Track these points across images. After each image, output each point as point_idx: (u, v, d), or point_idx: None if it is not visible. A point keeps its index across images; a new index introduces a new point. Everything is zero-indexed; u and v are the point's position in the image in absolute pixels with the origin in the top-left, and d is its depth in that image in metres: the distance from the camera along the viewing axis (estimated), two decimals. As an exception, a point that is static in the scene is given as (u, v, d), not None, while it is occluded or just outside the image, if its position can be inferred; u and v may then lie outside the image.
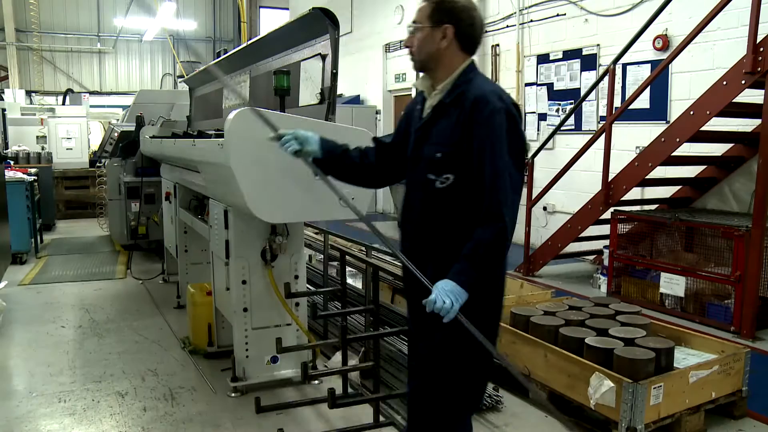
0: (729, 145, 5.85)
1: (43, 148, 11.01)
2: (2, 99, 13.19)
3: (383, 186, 2.52)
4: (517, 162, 1.97)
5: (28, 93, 15.40)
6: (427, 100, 2.15)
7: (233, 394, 3.58)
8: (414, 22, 2.11)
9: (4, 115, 12.16)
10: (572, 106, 7.17)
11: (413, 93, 10.08)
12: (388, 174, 2.38)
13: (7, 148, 11.02)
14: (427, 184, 2.06)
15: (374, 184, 2.52)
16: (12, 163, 9.10)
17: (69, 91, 15.49)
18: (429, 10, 2.06)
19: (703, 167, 6.07)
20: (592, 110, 7.35)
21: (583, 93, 6.74)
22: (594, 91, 6.59)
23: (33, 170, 8.72)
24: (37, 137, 11.46)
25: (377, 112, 11.46)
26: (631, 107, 5.80)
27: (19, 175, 7.49)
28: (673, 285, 5.10)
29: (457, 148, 2.00)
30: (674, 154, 5.30)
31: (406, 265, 2.04)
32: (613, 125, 5.78)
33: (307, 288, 3.97)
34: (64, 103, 14.52)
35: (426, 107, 2.14)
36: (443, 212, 2.05)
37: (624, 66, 6.61)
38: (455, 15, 2.04)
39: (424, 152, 2.09)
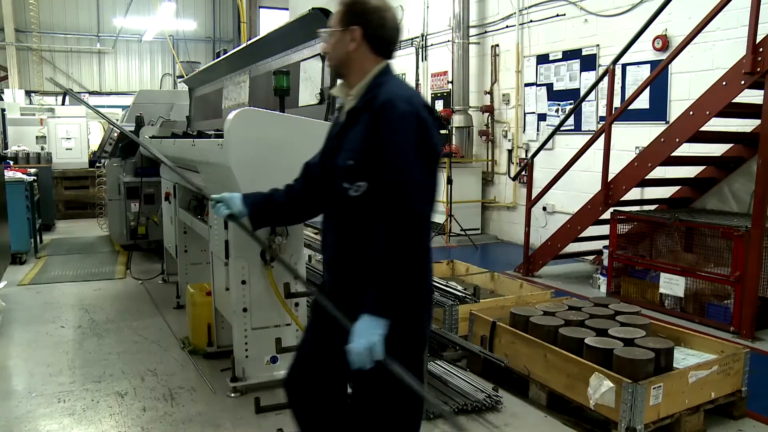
0: (728, 146, 5.86)
1: (42, 149, 11.01)
2: (2, 99, 13.18)
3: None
4: (426, 167, 1.85)
5: (28, 93, 15.38)
6: (344, 107, 2.07)
7: (233, 394, 3.57)
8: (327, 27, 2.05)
9: (3, 115, 12.16)
10: (572, 106, 7.18)
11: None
12: (322, 199, 2.15)
13: (6, 148, 11.02)
14: (342, 193, 1.95)
15: (311, 214, 2.30)
16: (12, 163, 9.09)
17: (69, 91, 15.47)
18: (340, 13, 2.00)
19: (703, 167, 6.07)
20: (592, 110, 7.35)
21: (582, 93, 6.74)
22: (593, 91, 6.59)
23: (33, 170, 8.71)
24: (37, 137, 11.46)
25: (377, 112, 11.43)
26: (630, 107, 5.80)
27: (19, 175, 7.48)
28: (672, 285, 5.10)
29: (368, 155, 1.89)
30: (674, 154, 5.31)
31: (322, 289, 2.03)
32: (612, 125, 5.78)
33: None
34: (63, 104, 14.52)
35: (342, 114, 2.06)
36: (359, 222, 1.94)
37: (624, 66, 6.61)
38: (364, 16, 1.96)
39: (338, 160, 1.99)
